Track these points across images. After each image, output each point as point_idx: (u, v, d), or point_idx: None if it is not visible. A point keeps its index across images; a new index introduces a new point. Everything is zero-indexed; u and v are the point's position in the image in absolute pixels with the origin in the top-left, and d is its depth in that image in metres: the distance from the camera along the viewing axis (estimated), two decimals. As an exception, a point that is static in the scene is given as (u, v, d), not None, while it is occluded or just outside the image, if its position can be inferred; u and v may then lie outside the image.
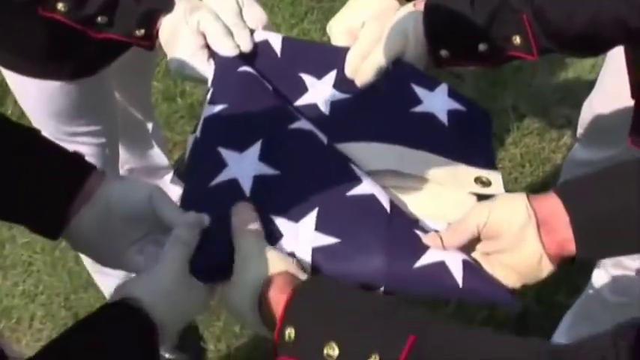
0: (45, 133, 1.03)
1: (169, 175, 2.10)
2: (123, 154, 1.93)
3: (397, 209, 0.87)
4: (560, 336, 1.74)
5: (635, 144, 1.27)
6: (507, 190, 2.40)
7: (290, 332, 0.71)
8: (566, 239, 0.80)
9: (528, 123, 2.45)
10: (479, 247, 0.85)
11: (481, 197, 0.94)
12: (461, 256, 0.82)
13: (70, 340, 0.73)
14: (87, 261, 1.88)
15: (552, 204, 0.81)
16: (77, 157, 0.88)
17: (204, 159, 0.91)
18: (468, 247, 0.85)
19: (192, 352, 1.97)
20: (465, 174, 0.94)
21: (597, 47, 0.99)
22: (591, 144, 1.86)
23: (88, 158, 1.67)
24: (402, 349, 0.66)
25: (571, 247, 0.80)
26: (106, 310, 0.76)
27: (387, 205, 0.86)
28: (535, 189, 2.29)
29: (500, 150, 2.38)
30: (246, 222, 0.83)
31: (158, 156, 2.06)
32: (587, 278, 1.65)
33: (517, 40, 0.97)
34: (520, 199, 0.82)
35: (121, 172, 1.96)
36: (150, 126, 1.95)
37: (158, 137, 2.02)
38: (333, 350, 0.68)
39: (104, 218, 0.85)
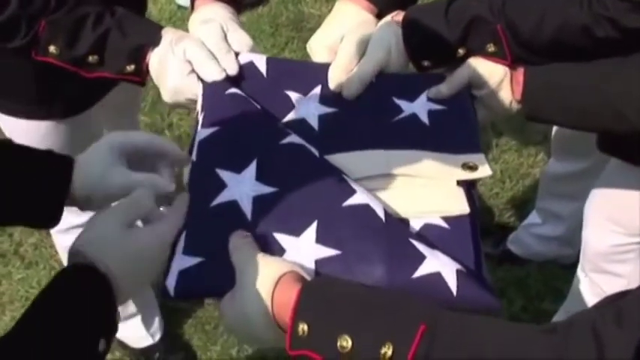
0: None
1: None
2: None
3: (391, 218, 0.90)
4: (547, 342, 1.79)
5: (603, 150, 1.35)
6: (489, 206, 2.44)
7: (303, 327, 0.72)
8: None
9: (507, 140, 2.53)
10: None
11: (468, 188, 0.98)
12: (455, 266, 0.86)
13: (29, 315, 0.77)
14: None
15: (520, 70, 1.06)
16: (50, 153, 0.95)
17: (203, 180, 0.94)
18: None
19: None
20: (451, 162, 0.98)
21: (566, 55, 1.05)
22: (565, 158, 1.95)
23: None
24: (414, 337, 0.68)
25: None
26: (55, 279, 0.80)
27: (382, 215, 0.89)
28: (516, 203, 2.36)
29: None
30: (240, 241, 0.86)
31: (148, 188, 2.10)
32: (570, 285, 1.71)
33: (491, 47, 1.06)
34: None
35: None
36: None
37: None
38: (346, 342, 0.70)
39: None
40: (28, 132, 1.44)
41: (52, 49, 1.06)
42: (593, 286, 1.59)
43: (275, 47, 2.90)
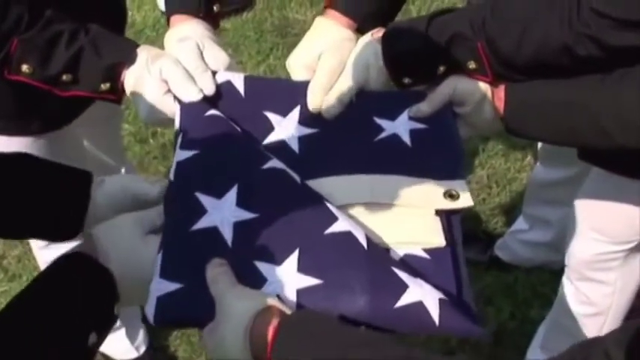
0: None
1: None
2: (98, 198, 1.95)
3: (373, 245, 0.89)
4: (535, 349, 1.79)
5: (583, 159, 1.35)
6: (475, 212, 2.43)
7: None
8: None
9: (493, 145, 2.52)
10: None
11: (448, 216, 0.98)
12: (437, 295, 0.85)
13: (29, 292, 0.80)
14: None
15: (501, 87, 1.05)
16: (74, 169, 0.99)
17: (182, 203, 0.92)
18: None
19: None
20: (433, 189, 0.98)
21: (547, 73, 1.04)
22: (552, 165, 1.94)
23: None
24: None
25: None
26: (56, 262, 0.84)
27: (363, 242, 0.88)
28: (503, 209, 2.36)
29: (468, 172, 2.44)
30: (217, 271, 0.85)
31: (133, 198, 2.08)
32: (557, 293, 1.70)
33: (472, 64, 1.04)
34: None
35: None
36: (122, 170, 1.97)
37: (132, 180, 2.04)
38: None
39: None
40: (6, 147, 1.41)
41: (24, 68, 1.04)
42: (578, 294, 1.59)
43: (260, 53, 2.88)
